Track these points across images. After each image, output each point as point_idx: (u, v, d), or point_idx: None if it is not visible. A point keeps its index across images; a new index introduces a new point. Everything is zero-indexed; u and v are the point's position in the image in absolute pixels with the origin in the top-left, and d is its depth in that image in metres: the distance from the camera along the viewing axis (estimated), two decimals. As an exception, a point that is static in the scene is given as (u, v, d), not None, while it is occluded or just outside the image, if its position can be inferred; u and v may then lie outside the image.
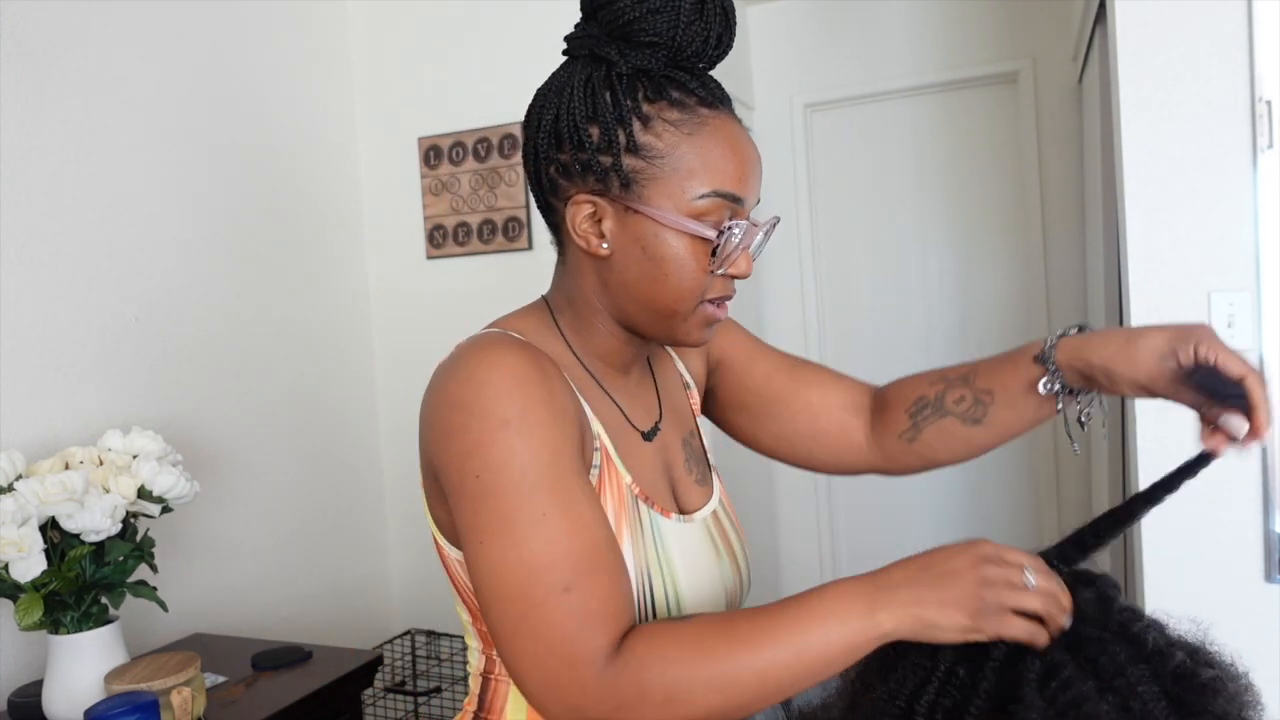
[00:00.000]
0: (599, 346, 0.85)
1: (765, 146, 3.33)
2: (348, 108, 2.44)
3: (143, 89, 1.84)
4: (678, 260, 0.77)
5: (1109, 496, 2.40)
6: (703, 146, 0.76)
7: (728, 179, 0.77)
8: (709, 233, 0.76)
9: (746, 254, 0.80)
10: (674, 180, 0.76)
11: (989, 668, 0.63)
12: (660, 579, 0.80)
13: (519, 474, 0.69)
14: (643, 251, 0.77)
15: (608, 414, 0.83)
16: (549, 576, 0.68)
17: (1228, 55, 1.62)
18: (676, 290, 0.78)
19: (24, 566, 1.24)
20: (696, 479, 0.92)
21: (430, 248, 2.42)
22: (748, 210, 0.80)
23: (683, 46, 0.76)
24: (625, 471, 0.81)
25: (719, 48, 0.78)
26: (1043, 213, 3.01)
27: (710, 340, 0.84)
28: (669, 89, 0.76)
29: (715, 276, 0.79)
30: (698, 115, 0.77)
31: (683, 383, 1.00)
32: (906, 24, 3.12)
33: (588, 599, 0.68)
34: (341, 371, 2.35)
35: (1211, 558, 1.67)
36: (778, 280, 3.40)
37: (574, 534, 0.69)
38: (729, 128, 0.79)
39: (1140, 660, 0.62)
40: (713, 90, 0.79)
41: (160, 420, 1.80)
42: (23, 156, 1.61)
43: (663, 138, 0.76)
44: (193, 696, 1.26)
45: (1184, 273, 1.68)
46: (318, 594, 2.20)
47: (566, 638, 0.67)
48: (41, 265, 1.63)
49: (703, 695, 0.66)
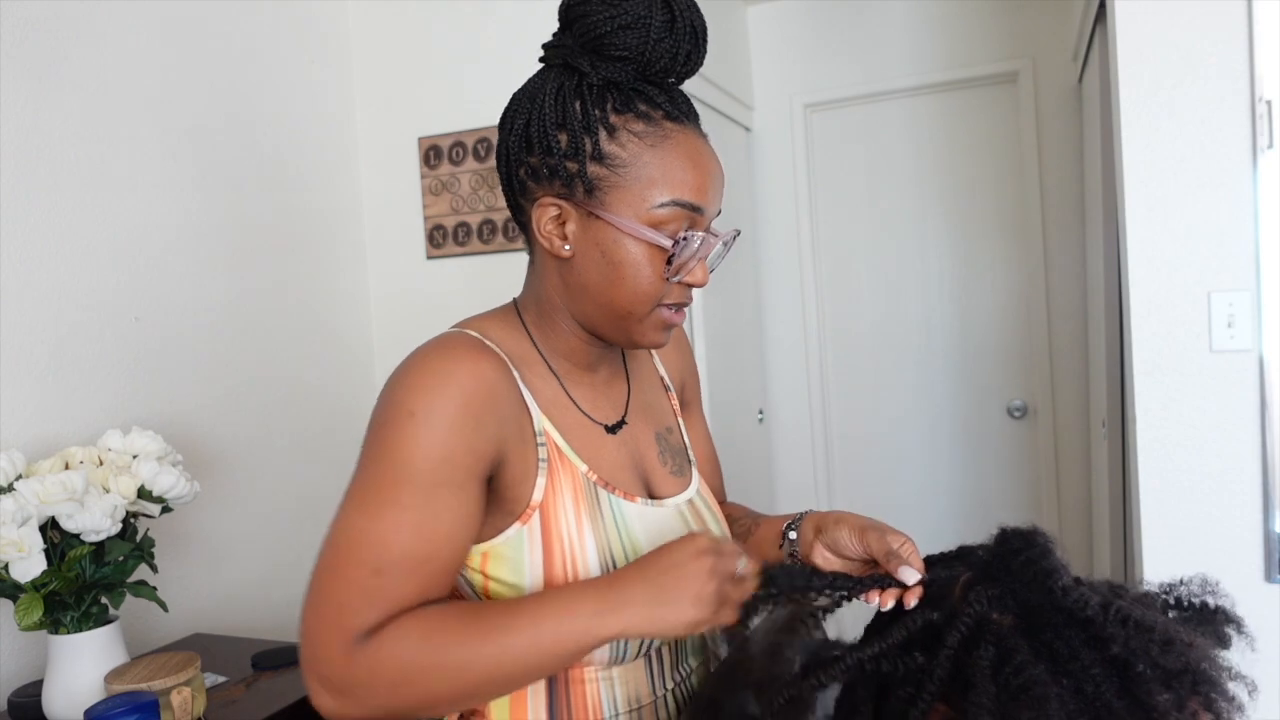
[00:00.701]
0: (562, 345, 0.88)
1: (765, 146, 3.34)
2: (348, 108, 2.44)
3: (143, 89, 1.84)
4: (634, 265, 0.80)
5: (1109, 496, 2.40)
6: (664, 158, 0.79)
7: (687, 189, 0.80)
8: (665, 241, 0.79)
9: (703, 264, 0.83)
10: (635, 189, 0.79)
11: (943, 654, 0.64)
12: (625, 562, 0.81)
13: (403, 462, 0.73)
14: (602, 255, 0.80)
15: (561, 412, 0.86)
16: (370, 554, 0.72)
17: (1228, 55, 1.62)
18: (632, 294, 0.81)
19: (24, 566, 1.24)
20: (672, 470, 0.94)
21: (430, 248, 2.42)
22: (708, 221, 0.83)
23: (652, 62, 0.79)
24: (580, 461, 0.84)
25: (688, 64, 0.82)
26: (1043, 213, 3.01)
27: (666, 344, 0.87)
28: (636, 101, 0.80)
29: (671, 284, 0.82)
30: (662, 128, 0.80)
31: (662, 384, 1.03)
32: (906, 24, 3.11)
33: (387, 590, 0.72)
34: (342, 371, 2.35)
35: (1211, 558, 1.68)
36: (778, 280, 3.40)
37: (416, 534, 0.73)
38: (692, 141, 0.82)
39: (1092, 644, 0.62)
40: (679, 105, 0.83)
41: (160, 420, 1.80)
42: (23, 156, 1.61)
43: (627, 148, 0.79)
44: (193, 696, 1.26)
45: (1184, 273, 1.68)
46: (318, 594, 2.21)
47: (345, 607, 0.71)
48: (41, 265, 1.63)
49: (433, 680, 0.71)
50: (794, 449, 3.42)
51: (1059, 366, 3.02)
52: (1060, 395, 3.03)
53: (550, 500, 0.80)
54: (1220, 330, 1.66)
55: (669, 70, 0.81)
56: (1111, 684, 0.60)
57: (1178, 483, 1.70)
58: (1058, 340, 3.03)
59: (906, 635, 0.67)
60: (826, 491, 3.36)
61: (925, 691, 0.63)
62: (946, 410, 3.22)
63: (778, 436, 3.43)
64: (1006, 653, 0.62)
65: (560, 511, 0.81)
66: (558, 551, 0.79)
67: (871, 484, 3.34)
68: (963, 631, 0.64)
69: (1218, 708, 0.61)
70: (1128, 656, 0.61)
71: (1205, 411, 1.68)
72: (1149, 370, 1.71)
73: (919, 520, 3.23)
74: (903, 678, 0.65)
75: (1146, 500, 1.72)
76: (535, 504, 0.80)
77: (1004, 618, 0.65)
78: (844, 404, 3.37)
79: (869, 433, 3.34)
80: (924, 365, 3.24)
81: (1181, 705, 0.59)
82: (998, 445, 3.16)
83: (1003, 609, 0.66)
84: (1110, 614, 0.62)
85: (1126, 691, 0.60)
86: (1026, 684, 0.60)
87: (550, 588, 0.78)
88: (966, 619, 0.65)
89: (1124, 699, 0.60)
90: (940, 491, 3.24)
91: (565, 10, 0.82)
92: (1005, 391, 3.14)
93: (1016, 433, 3.14)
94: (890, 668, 0.65)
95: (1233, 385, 1.66)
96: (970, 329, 3.18)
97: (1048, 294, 3.03)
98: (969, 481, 3.21)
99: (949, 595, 0.70)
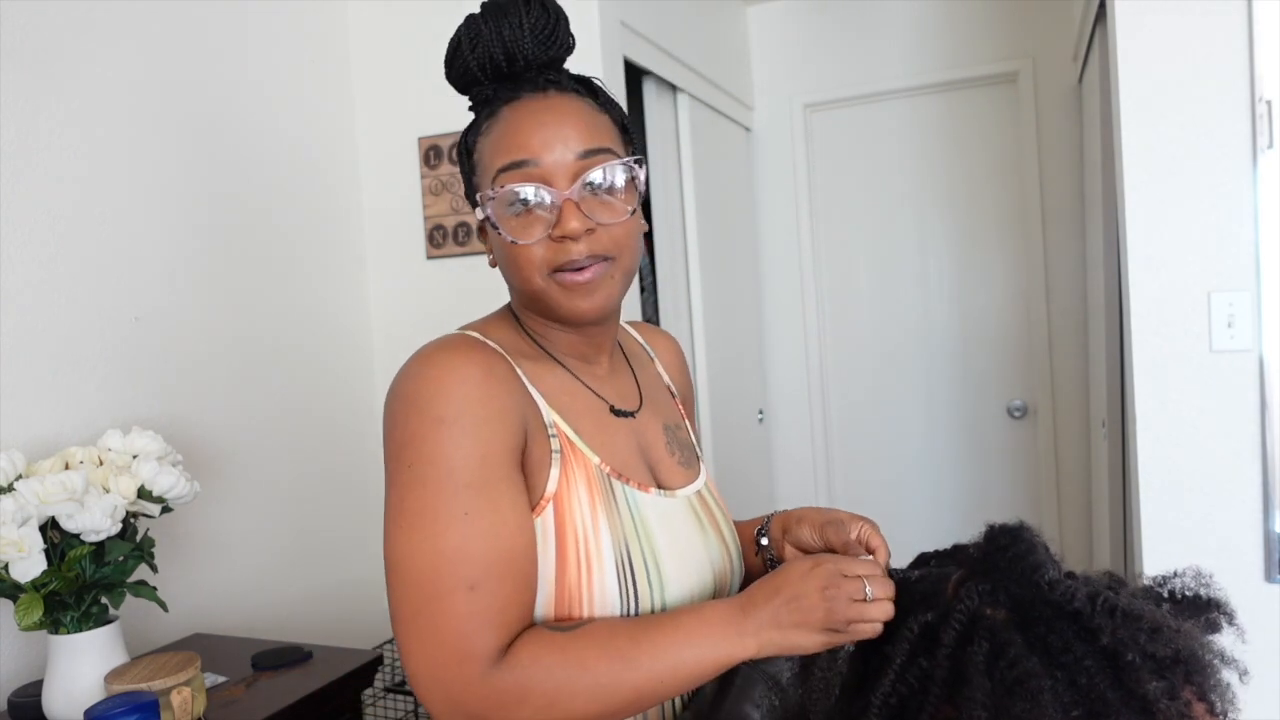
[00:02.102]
0: (556, 340, 0.89)
1: (765, 146, 3.34)
2: (348, 108, 2.44)
3: (143, 89, 1.84)
4: (504, 245, 0.82)
5: (1109, 496, 2.40)
6: (494, 137, 0.82)
7: (508, 151, 0.81)
8: (483, 212, 0.82)
9: (552, 212, 0.79)
10: (483, 177, 0.83)
11: (941, 654, 0.64)
12: (640, 553, 0.81)
13: (448, 470, 0.72)
14: (497, 250, 0.85)
15: (571, 399, 0.86)
16: (458, 572, 0.71)
17: (1228, 55, 1.62)
18: (519, 271, 0.82)
19: (24, 566, 1.24)
20: (680, 461, 0.94)
21: (430, 248, 2.42)
22: (545, 170, 0.80)
23: (482, 68, 0.83)
24: (592, 453, 0.83)
25: (516, 45, 0.82)
26: (1043, 213, 3.01)
27: (592, 309, 0.82)
28: (486, 104, 0.85)
29: (543, 245, 0.80)
30: (497, 115, 0.83)
31: (667, 388, 1.03)
32: (906, 24, 3.11)
33: (490, 601, 0.71)
34: (342, 371, 2.35)
35: (1211, 557, 1.68)
36: (777, 280, 3.40)
37: (490, 536, 0.72)
38: (522, 108, 0.82)
39: (1084, 636, 0.62)
40: (524, 84, 0.83)
41: (160, 420, 1.80)
42: (23, 156, 1.61)
43: (477, 146, 0.84)
44: (193, 696, 1.26)
45: (1184, 273, 1.68)
46: (318, 594, 2.20)
47: (461, 633, 0.70)
48: (41, 265, 1.63)
49: (581, 703, 0.71)
50: (794, 449, 3.42)
51: (1059, 366, 3.02)
52: (1060, 395, 3.03)
53: (564, 492, 0.80)
54: (1220, 330, 1.66)
55: (511, 59, 0.82)
56: (1105, 675, 0.60)
57: (1178, 483, 1.70)
58: (1058, 340, 3.03)
59: (909, 647, 0.66)
60: (826, 491, 3.36)
61: (930, 695, 0.63)
62: (946, 410, 3.22)
63: (778, 436, 3.43)
64: (1000, 647, 0.62)
65: (575, 503, 0.80)
66: (571, 543, 0.79)
67: (871, 484, 3.34)
68: (957, 628, 0.64)
69: (1211, 698, 0.61)
70: (1117, 646, 0.61)
71: (1205, 411, 1.68)
72: (1149, 370, 1.71)
73: (919, 520, 3.23)
74: (910, 684, 0.65)
75: (1146, 500, 1.72)
76: (550, 495, 0.79)
77: (997, 612, 0.65)
78: (844, 404, 3.37)
79: (869, 433, 3.34)
80: (924, 365, 3.24)
81: (1174, 694, 0.59)
82: (998, 445, 3.16)
83: (995, 604, 0.66)
84: (1097, 605, 0.62)
85: (1119, 682, 0.60)
86: (1021, 677, 0.60)
87: (679, 610, 0.77)
88: (960, 615, 0.65)
89: (1118, 690, 0.60)
90: (940, 491, 3.24)
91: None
92: (1005, 391, 3.14)
93: (1016, 433, 3.14)
94: (906, 688, 0.65)
95: (1233, 385, 1.66)
96: (970, 329, 3.18)
97: (1048, 294, 3.03)
98: (969, 481, 3.21)
99: (942, 593, 0.70)
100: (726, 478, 2.91)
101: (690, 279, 2.78)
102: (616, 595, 0.79)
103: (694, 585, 0.85)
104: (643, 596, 0.80)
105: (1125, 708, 0.59)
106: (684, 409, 1.05)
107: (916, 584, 0.73)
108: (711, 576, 0.87)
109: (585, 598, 0.78)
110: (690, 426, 1.05)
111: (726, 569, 0.90)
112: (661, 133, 2.68)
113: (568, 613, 0.78)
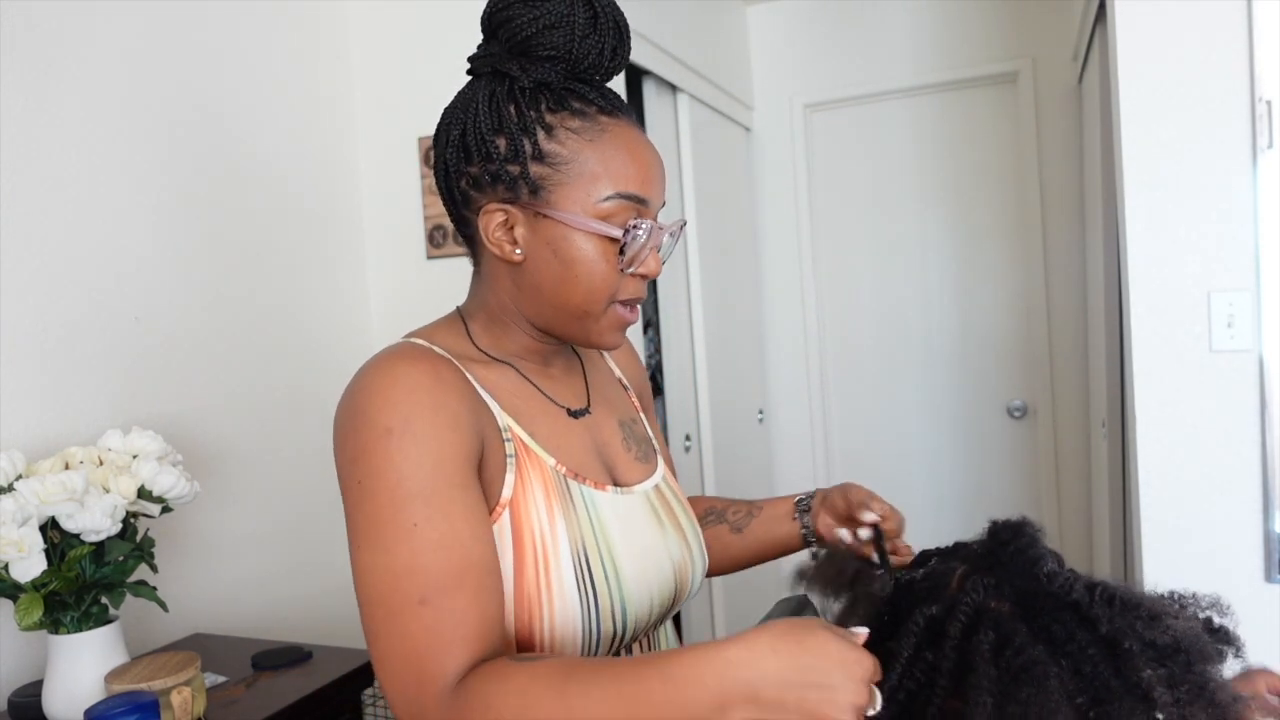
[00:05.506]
0: (514, 346, 0.88)
1: (765, 146, 3.34)
2: (347, 108, 2.44)
3: (143, 88, 1.84)
4: (587, 261, 0.80)
5: (1109, 496, 2.40)
6: (604, 151, 0.80)
7: (630, 181, 0.80)
8: (615, 232, 0.79)
9: (655, 254, 0.84)
10: (579, 185, 0.79)
11: (948, 646, 0.65)
12: (597, 552, 0.81)
13: (396, 482, 0.71)
14: (554, 255, 0.80)
15: (524, 402, 0.86)
16: (407, 587, 0.70)
17: (1228, 55, 1.62)
18: (587, 291, 0.81)
19: (24, 566, 1.23)
20: (637, 456, 0.94)
21: (430, 248, 2.42)
22: (653, 212, 0.83)
23: (579, 59, 0.80)
24: (547, 455, 0.83)
25: (614, 60, 0.83)
26: (1043, 213, 3.01)
27: (621, 345, 0.88)
28: (570, 99, 0.80)
29: (625, 277, 0.82)
30: (598, 123, 0.81)
31: (619, 383, 1.04)
32: (906, 24, 3.12)
33: (444, 616, 0.69)
34: (342, 371, 2.34)
35: (1211, 558, 1.68)
36: (777, 280, 3.40)
37: (441, 549, 0.71)
38: (629, 133, 0.83)
39: (1086, 625, 0.64)
40: (611, 100, 0.83)
41: (160, 420, 1.80)
42: (23, 156, 1.61)
43: (566, 145, 0.79)
44: (193, 696, 1.26)
45: (1184, 273, 1.68)
46: (318, 594, 2.20)
47: (417, 651, 0.69)
48: (41, 265, 1.63)
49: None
50: (794, 449, 3.42)
51: (1059, 366, 3.02)
52: (1060, 395, 3.03)
53: (520, 496, 0.79)
54: (1220, 330, 1.66)
55: (596, 67, 0.81)
56: (1108, 663, 0.62)
57: (1178, 483, 1.70)
58: (1058, 340, 3.03)
59: (915, 641, 0.67)
60: (826, 491, 3.36)
61: (937, 688, 0.64)
62: (946, 410, 3.22)
63: (778, 436, 3.43)
64: (1006, 637, 0.63)
65: (531, 507, 0.79)
66: (529, 546, 0.78)
67: (872, 484, 3.30)
68: (963, 620, 0.65)
69: (1211, 689, 0.61)
70: (1115, 634, 0.62)
71: (1205, 411, 1.68)
72: (1149, 370, 1.71)
73: (919, 520, 3.22)
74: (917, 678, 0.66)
75: (1146, 500, 1.72)
76: (505, 501, 0.79)
77: (1001, 604, 0.66)
78: (844, 404, 3.37)
79: (869, 433, 3.34)
80: (924, 365, 3.24)
81: (1174, 682, 0.60)
82: (998, 445, 3.16)
83: (999, 596, 0.67)
84: (1096, 594, 0.64)
85: (1122, 671, 0.61)
86: (1027, 664, 0.61)
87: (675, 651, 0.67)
88: (965, 607, 0.66)
89: (1120, 678, 0.61)
90: (940, 491, 3.24)
91: (488, 19, 0.83)
92: (1005, 391, 3.14)
93: (1016, 433, 3.14)
94: (913, 682, 0.65)
95: (1233, 385, 1.66)
96: (970, 329, 3.18)
97: (1048, 294, 3.03)
98: (969, 481, 3.21)
99: (946, 587, 0.70)
100: (726, 478, 2.91)
101: (690, 279, 2.78)
102: (575, 595, 0.78)
103: (653, 581, 0.85)
104: (600, 594, 0.80)
105: (1127, 695, 0.60)
106: (639, 402, 1.05)
107: (920, 581, 0.73)
108: (671, 570, 0.88)
109: (544, 599, 0.78)
110: (648, 419, 1.05)
111: (686, 562, 0.91)
112: (661, 133, 2.68)
113: (528, 615, 0.77)
